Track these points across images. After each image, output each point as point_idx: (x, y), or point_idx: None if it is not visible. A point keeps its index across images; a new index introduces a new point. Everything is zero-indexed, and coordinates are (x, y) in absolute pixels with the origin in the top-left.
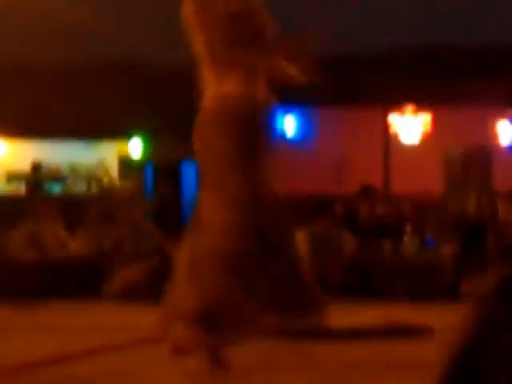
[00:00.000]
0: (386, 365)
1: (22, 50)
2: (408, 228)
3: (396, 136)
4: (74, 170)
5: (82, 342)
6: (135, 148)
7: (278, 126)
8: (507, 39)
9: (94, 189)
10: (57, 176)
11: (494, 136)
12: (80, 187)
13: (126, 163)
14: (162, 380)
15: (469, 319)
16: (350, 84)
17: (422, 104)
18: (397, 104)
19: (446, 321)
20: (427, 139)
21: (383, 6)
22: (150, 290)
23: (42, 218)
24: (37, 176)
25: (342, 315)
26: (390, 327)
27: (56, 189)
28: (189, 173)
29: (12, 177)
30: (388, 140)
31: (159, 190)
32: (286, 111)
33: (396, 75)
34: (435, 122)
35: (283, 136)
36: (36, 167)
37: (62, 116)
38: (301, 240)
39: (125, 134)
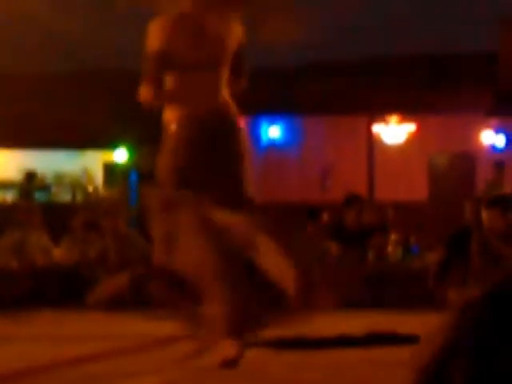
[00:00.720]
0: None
1: (7, 60)
2: (392, 236)
3: (381, 141)
4: (59, 179)
5: (66, 351)
6: (120, 157)
7: (263, 134)
8: (491, 48)
9: (79, 197)
10: (42, 185)
11: (478, 144)
12: (65, 196)
13: (110, 171)
14: None
15: (449, 327)
16: (335, 93)
17: (406, 113)
18: (381, 113)
19: (430, 329)
20: (412, 147)
21: (367, 16)
22: (135, 298)
23: (27, 227)
24: (30, 185)
25: (326, 324)
26: (374, 335)
27: (41, 197)
28: None
29: None
30: (372, 148)
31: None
32: (272, 120)
33: (380, 84)
34: (419, 130)
35: (268, 144)
36: (30, 176)
37: (47, 125)
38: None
39: (110, 144)
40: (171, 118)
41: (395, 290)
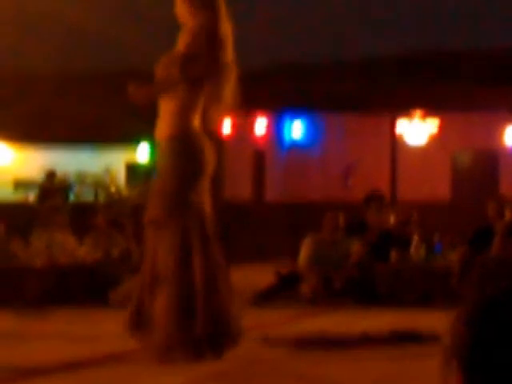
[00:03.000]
0: (390, 376)
1: (30, 58)
2: (415, 235)
3: (403, 141)
4: (82, 178)
5: (88, 350)
6: (143, 154)
7: (286, 133)
8: None
9: (101, 197)
10: (64, 184)
11: (502, 141)
12: (87, 195)
13: (133, 169)
14: None
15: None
16: (358, 91)
17: (429, 109)
18: (405, 109)
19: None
20: (435, 144)
21: (393, 11)
22: None
23: (52, 226)
24: (51, 184)
25: (347, 322)
26: (396, 334)
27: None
28: None
29: (19, 184)
30: (395, 146)
31: None
32: (294, 117)
33: (404, 81)
34: (443, 127)
35: (291, 143)
36: (50, 175)
37: (70, 124)
38: (307, 246)
39: (132, 141)
40: None
41: (418, 289)
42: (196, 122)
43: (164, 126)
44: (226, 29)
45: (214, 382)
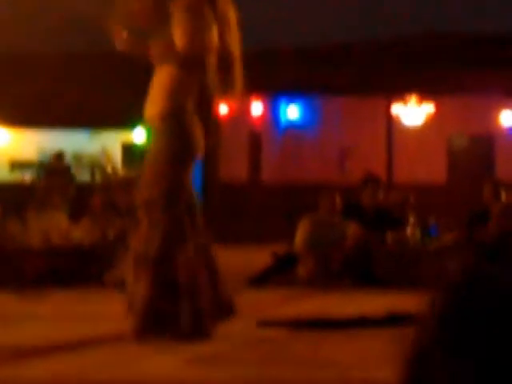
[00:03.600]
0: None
1: (26, 39)
2: (411, 217)
3: (400, 124)
4: (78, 159)
5: (85, 330)
6: (138, 137)
7: (282, 115)
8: (510, 27)
9: (98, 177)
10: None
11: (497, 124)
12: (84, 176)
13: (129, 150)
14: (163, 369)
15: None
16: (354, 73)
17: (425, 93)
18: (400, 93)
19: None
20: (431, 128)
21: None
22: None
23: (47, 207)
24: (59, 165)
25: (344, 303)
26: (392, 315)
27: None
28: None
29: (15, 165)
30: (391, 128)
31: None
32: (290, 100)
33: (399, 64)
34: (438, 111)
35: (287, 125)
36: (59, 156)
37: (65, 105)
38: (304, 227)
39: (128, 123)
40: None
41: (414, 271)
42: (189, 103)
43: (155, 104)
44: (226, 11)
45: (210, 363)
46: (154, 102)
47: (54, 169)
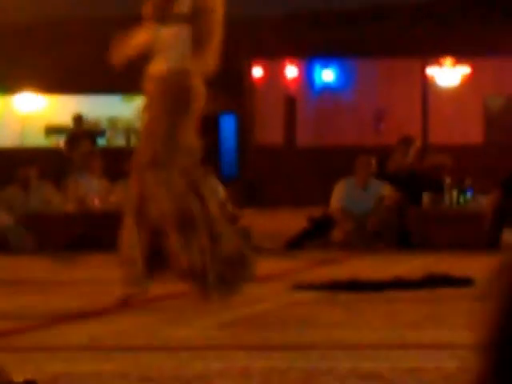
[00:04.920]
0: (424, 318)
1: (60, 3)
2: (447, 179)
3: (435, 85)
4: (113, 124)
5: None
6: None
7: (317, 78)
8: None
9: (133, 142)
10: (95, 129)
11: None
12: (119, 140)
13: None
14: (198, 332)
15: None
16: (389, 36)
17: (461, 55)
18: (435, 55)
19: (486, 271)
20: (466, 89)
21: None
22: None
23: (86, 172)
24: (78, 129)
25: (380, 266)
26: (429, 277)
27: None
28: (227, 126)
29: (51, 130)
30: (426, 91)
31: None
32: (325, 63)
33: (434, 26)
34: (474, 72)
35: (322, 88)
36: (77, 119)
37: (100, 70)
38: (340, 191)
39: None
40: None
41: (450, 232)
42: (189, 60)
43: (157, 63)
44: None
45: (245, 327)
46: (157, 61)
47: (74, 134)
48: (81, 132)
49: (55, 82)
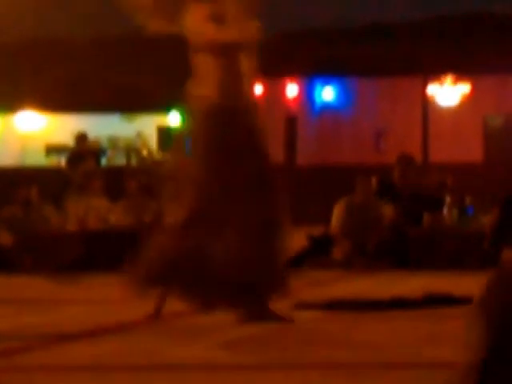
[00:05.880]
0: (424, 337)
1: (62, 24)
2: (448, 198)
3: (435, 104)
4: (114, 143)
5: (121, 315)
6: (174, 120)
7: (318, 96)
8: None
9: (134, 161)
10: (96, 148)
11: None
12: (120, 159)
13: (164, 134)
14: (198, 353)
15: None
16: (389, 54)
17: (461, 73)
18: (436, 73)
19: (479, 289)
20: (466, 108)
21: None
22: None
23: (86, 192)
24: (81, 147)
25: (380, 285)
26: (429, 297)
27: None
28: None
29: (51, 149)
30: (427, 108)
31: None
32: (326, 82)
33: (435, 45)
34: (474, 91)
35: (323, 106)
36: (81, 138)
37: (101, 89)
38: (340, 210)
39: (164, 107)
40: None
41: (451, 252)
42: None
43: (204, 87)
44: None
45: (244, 346)
46: (203, 85)
47: (77, 152)
48: (85, 151)
49: (56, 102)
